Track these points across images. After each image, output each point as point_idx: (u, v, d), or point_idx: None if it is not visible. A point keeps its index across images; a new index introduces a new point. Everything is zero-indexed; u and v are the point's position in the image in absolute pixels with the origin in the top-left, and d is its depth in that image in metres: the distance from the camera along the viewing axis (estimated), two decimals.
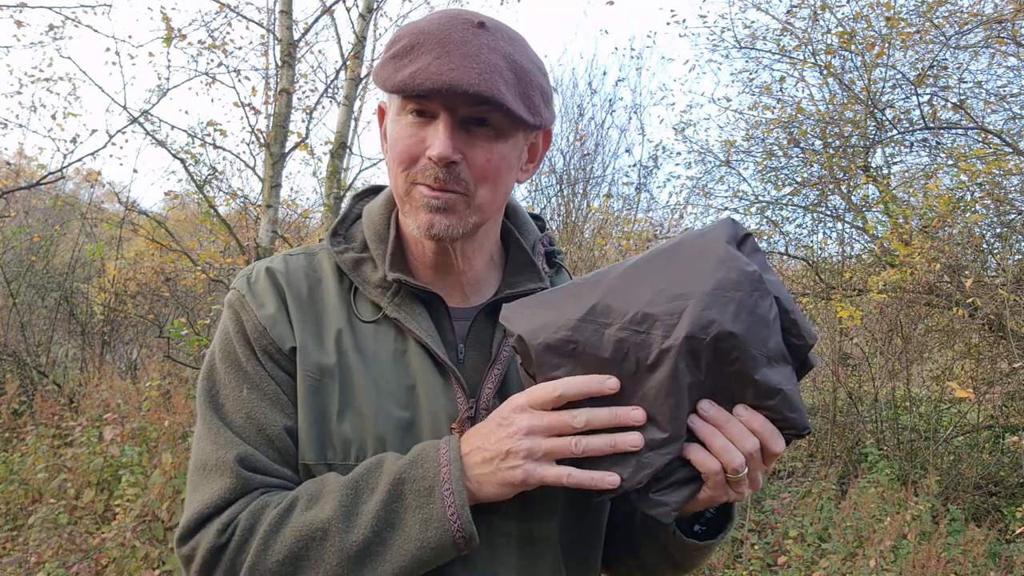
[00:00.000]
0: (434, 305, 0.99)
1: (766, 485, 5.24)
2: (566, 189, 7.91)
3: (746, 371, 0.78)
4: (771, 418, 0.82)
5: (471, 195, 0.92)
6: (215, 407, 0.94)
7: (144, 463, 4.22)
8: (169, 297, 8.23)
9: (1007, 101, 6.33)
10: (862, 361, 6.87)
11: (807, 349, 0.83)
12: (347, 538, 0.84)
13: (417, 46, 0.88)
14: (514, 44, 0.92)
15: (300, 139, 5.99)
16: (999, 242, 5.97)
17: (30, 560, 3.60)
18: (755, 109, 7.35)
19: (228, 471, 0.89)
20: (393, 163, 0.93)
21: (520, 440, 0.82)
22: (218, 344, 0.98)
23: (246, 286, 0.99)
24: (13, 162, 8.58)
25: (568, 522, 0.98)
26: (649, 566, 1.06)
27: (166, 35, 6.11)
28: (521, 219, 1.10)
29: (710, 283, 0.79)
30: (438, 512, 0.83)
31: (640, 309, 0.80)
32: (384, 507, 0.84)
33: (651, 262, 0.84)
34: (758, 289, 0.79)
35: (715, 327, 0.77)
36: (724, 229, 0.84)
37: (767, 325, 0.79)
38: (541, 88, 0.93)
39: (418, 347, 0.96)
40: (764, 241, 7.16)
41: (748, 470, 0.83)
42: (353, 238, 1.05)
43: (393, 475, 0.85)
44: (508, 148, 0.93)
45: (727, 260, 0.80)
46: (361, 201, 1.11)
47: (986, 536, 4.20)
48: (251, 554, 0.85)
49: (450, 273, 1.01)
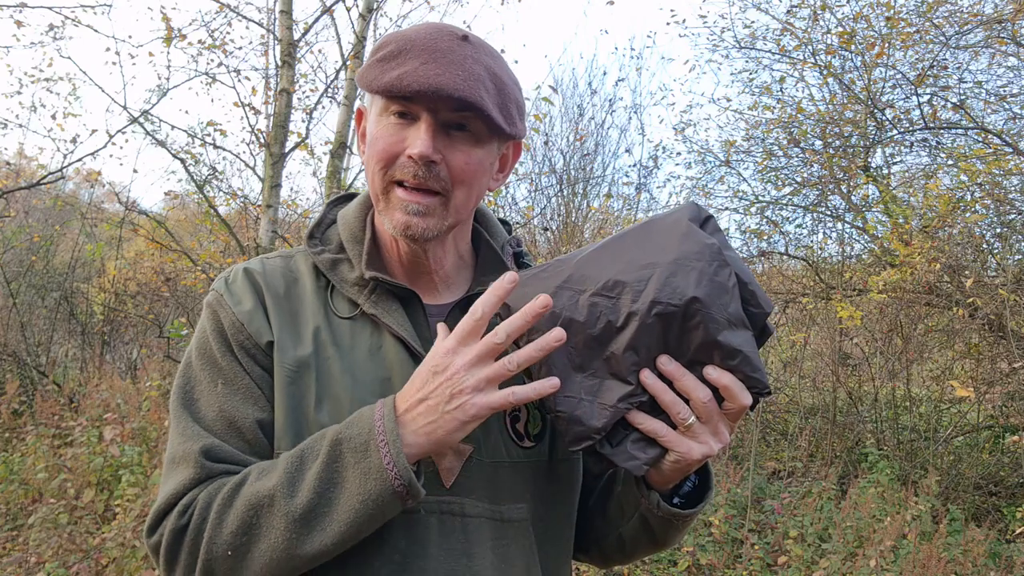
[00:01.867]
0: (409, 301, 1.03)
1: (766, 485, 5.24)
2: (566, 189, 7.91)
3: (708, 333, 0.85)
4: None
5: (448, 195, 0.96)
6: (187, 403, 0.97)
7: (144, 463, 4.23)
8: (169, 297, 8.23)
9: (1007, 101, 6.33)
10: (862, 361, 6.87)
11: (764, 317, 0.90)
12: (292, 502, 0.86)
13: (404, 51, 0.93)
14: (494, 59, 0.98)
15: (300, 139, 5.99)
16: (999, 242, 5.98)
17: (30, 560, 3.60)
18: (755, 109, 7.36)
19: (192, 462, 0.92)
20: (371, 160, 0.97)
21: (462, 378, 0.85)
22: (195, 343, 1.01)
23: (224, 286, 1.02)
24: (13, 162, 8.57)
25: (539, 506, 1.02)
26: (629, 543, 1.08)
27: (166, 35, 6.11)
28: (490, 222, 1.15)
29: (674, 254, 0.87)
30: (375, 463, 0.84)
31: (611, 277, 0.88)
32: (325, 468, 0.86)
33: (623, 239, 0.92)
34: (717, 259, 0.87)
35: (680, 292, 0.85)
36: (688, 211, 0.92)
37: (727, 291, 0.86)
38: (517, 101, 1.00)
39: (394, 341, 0.99)
40: (764, 241, 7.17)
41: (709, 421, 0.88)
42: (329, 240, 1.09)
43: (331, 438, 0.88)
44: (484, 154, 0.98)
45: (689, 234, 0.88)
46: (336, 207, 1.14)
47: (986, 536, 4.20)
48: (208, 529, 0.88)
49: (423, 272, 1.05)
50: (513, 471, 0.99)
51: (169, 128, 11.63)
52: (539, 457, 1.02)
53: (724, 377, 0.86)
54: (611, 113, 8.18)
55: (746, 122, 7.50)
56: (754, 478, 4.97)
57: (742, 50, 7.20)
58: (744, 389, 0.87)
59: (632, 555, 1.12)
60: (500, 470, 0.98)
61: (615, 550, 1.12)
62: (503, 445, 0.99)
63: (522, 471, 1.00)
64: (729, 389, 0.87)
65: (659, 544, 1.06)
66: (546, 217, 7.80)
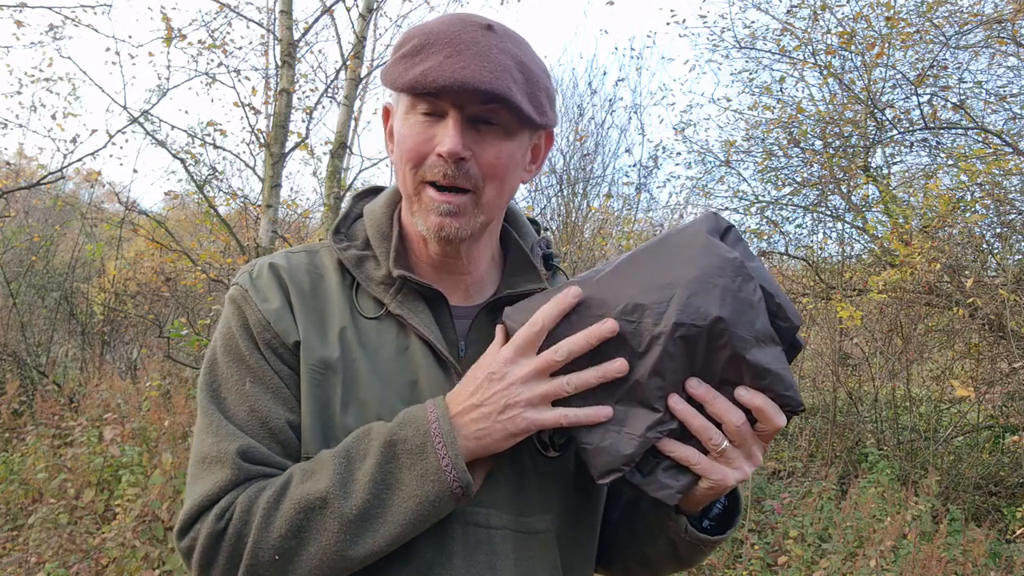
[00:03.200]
0: (436, 302, 1.00)
1: (766, 485, 5.24)
2: (566, 189, 7.91)
3: (736, 353, 0.81)
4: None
5: (479, 192, 0.93)
6: (216, 401, 0.94)
7: (144, 463, 4.22)
8: (169, 297, 8.22)
9: (1007, 101, 6.33)
10: (862, 361, 6.87)
11: (794, 331, 0.87)
12: (346, 503, 0.84)
13: (428, 46, 0.90)
14: (520, 47, 0.94)
15: (300, 139, 5.99)
16: (999, 242, 5.97)
17: (30, 560, 3.60)
18: (755, 109, 7.35)
19: (228, 463, 0.89)
20: (401, 161, 0.94)
21: (518, 390, 0.84)
22: (220, 339, 0.98)
23: (249, 281, 0.99)
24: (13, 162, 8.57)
25: (564, 518, 0.99)
26: (654, 562, 1.06)
27: (166, 35, 6.11)
28: (519, 222, 1.11)
29: (694, 271, 0.83)
30: (433, 466, 0.84)
31: (631, 300, 0.84)
32: (379, 469, 0.85)
33: (639, 257, 0.87)
34: (740, 274, 0.83)
35: (703, 312, 0.81)
36: (706, 222, 0.88)
37: (752, 307, 0.82)
38: (546, 89, 0.95)
39: (420, 343, 0.96)
40: (764, 241, 7.16)
41: (743, 445, 0.85)
42: (355, 236, 1.05)
43: (384, 438, 0.87)
44: (515, 147, 0.94)
45: (708, 248, 0.84)
46: (362, 201, 1.11)
47: (986, 536, 4.19)
48: (252, 533, 0.85)
49: (453, 272, 1.02)
50: (538, 482, 0.97)
51: (169, 128, 11.63)
52: (564, 468, 0.99)
53: (757, 399, 0.83)
54: (611, 113, 8.20)
55: (746, 122, 7.51)
56: (754, 478, 4.97)
57: (742, 50, 7.21)
58: (778, 409, 0.84)
59: (657, 573, 1.10)
60: (525, 481, 0.96)
61: (640, 566, 1.10)
62: (528, 455, 0.96)
63: (547, 482, 0.98)
64: (763, 411, 0.83)
65: (685, 564, 1.04)
66: (546, 217, 7.80)
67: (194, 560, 0.88)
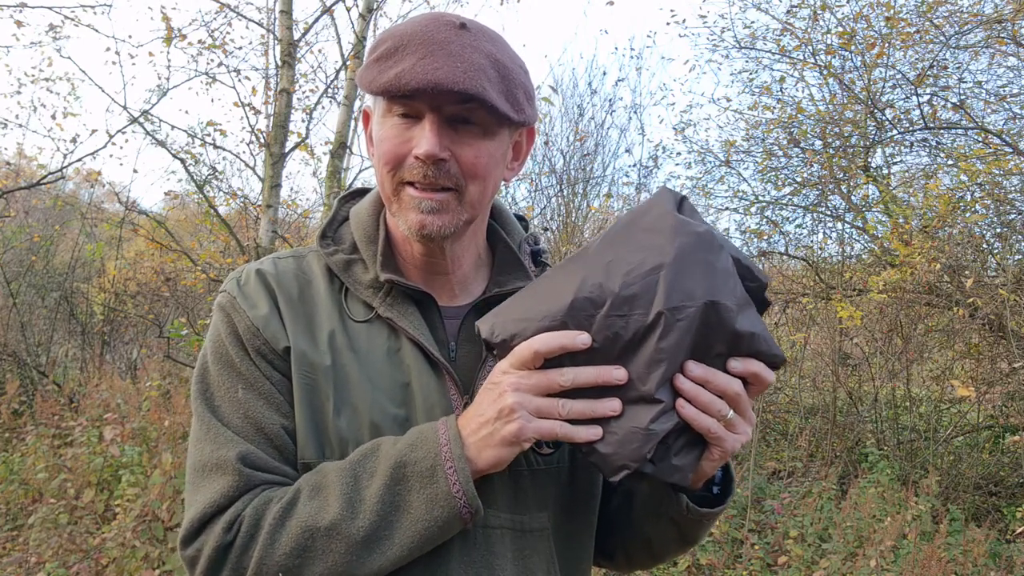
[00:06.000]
0: (425, 304, 1.00)
1: (766, 485, 5.24)
2: (566, 189, 7.90)
3: (724, 324, 0.83)
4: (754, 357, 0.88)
5: (462, 191, 0.93)
6: (211, 408, 0.94)
7: (144, 463, 4.22)
8: (169, 297, 8.22)
9: (1007, 101, 6.33)
10: (862, 361, 6.86)
11: (763, 289, 0.88)
12: (353, 525, 0.84)
13: (401, 48, 0.89)
14: (495, 44, 0.93)
15: (300, 139, 5.98)
16: (999, 242, 5.97)
17: (30, 560, 3.60)
18: (755, 109, 7.35)
19: (230, 469, 0.89)
20: (379, 164, 0.94)
21: (510, 396, 0.84)
22: (210, 347, 0.98)
23: (236, 288, 0.99)
24: (13, 162, 8.57)
25: (560, 514, 1.00)
26: (656, 543, 1.06)
27: (166, 35, 6.10)
28: (506, 219, 1.11)
29: (672, 252, 0.83)
30: (442, 490, 0.84)
31: (617, 293, 0.83)
32: (387, 491, 0.85)
33: (610, 247, 0.87)
34: (713, 246, 0.84)
35: (690, 293, 0.81)
36: (667, 199, 0.88)
37: (731, 276, 0.84)
38: (524, 86, 0.95)
39: (411, 345, 0.97)
40: (764, 241, 7.17)
41: (742, 410, 0.87)
42: (342, 240, 1.05)
43: (394, 459, 0.86)
44: (495, 145, 0.94)
45: (679, 227, 0.84)
46: (347, 203, 1.11)
47: (986, 536, 4.19)
48: (258, 549, 0.85)
49: (439, 273, 1.02)
50: (533, 479, 0.97)
51: (169, 128, 11.63)
52: (559, 463, 1.00)
53: (752, 365, 0.85)
54: (611, 113, 8.17)
55: (746, 122, 7.51)
56: (754, 478, 4.97)
57: (742, 50, 7.20)
58: (766, 368, 0.86)
59: (660, 556, 1.10)
60: (520, 478, 0.96)
61: (642, 552, 1.10)
62: (522, 453, 0.95)
63: (542, 478, 0.98)
64: (757, 375, 0.85)
65: (688, 543, 1.05)
66: (546, 217, 7.80)
67: (198, 571, 0.88)
